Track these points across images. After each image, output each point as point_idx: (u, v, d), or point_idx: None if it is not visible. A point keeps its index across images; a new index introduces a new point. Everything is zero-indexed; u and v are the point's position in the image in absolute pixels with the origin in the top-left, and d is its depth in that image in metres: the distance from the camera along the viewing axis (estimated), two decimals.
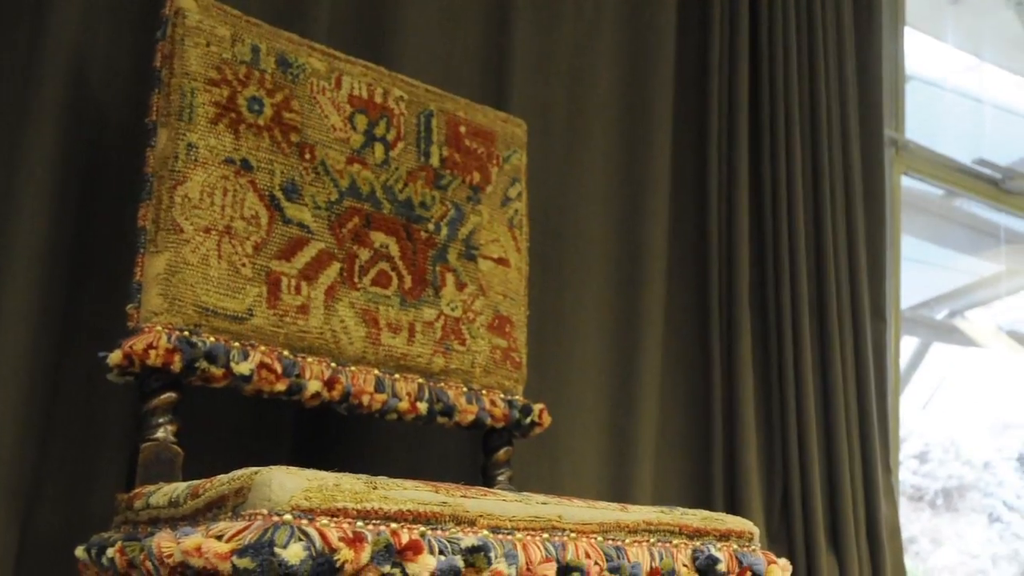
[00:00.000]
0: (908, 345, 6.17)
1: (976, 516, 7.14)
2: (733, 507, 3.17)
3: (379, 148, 2.34)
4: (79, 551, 1.85)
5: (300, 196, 2.19)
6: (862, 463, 3.54)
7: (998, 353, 6.60)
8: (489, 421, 2.40)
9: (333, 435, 2.57)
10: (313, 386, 2.12)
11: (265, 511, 1.40)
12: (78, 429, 2.27)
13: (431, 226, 2.39)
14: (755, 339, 3.37)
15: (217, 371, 1.99)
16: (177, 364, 1.93)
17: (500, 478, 2.46)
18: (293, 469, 1.46)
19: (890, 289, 3.95)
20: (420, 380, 2.31)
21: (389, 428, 2.59)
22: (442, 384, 2.35)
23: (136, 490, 1.85)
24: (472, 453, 2.63)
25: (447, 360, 2.36)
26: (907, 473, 6.99)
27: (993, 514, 7.18)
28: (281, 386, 2.08)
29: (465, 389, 2.38)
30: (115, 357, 1.93)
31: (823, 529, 3.34)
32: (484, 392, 2.41)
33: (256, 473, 1.45)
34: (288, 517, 1.38)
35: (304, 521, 1.38)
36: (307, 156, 2.22)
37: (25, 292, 2.16)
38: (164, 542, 1.52)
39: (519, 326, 2.51)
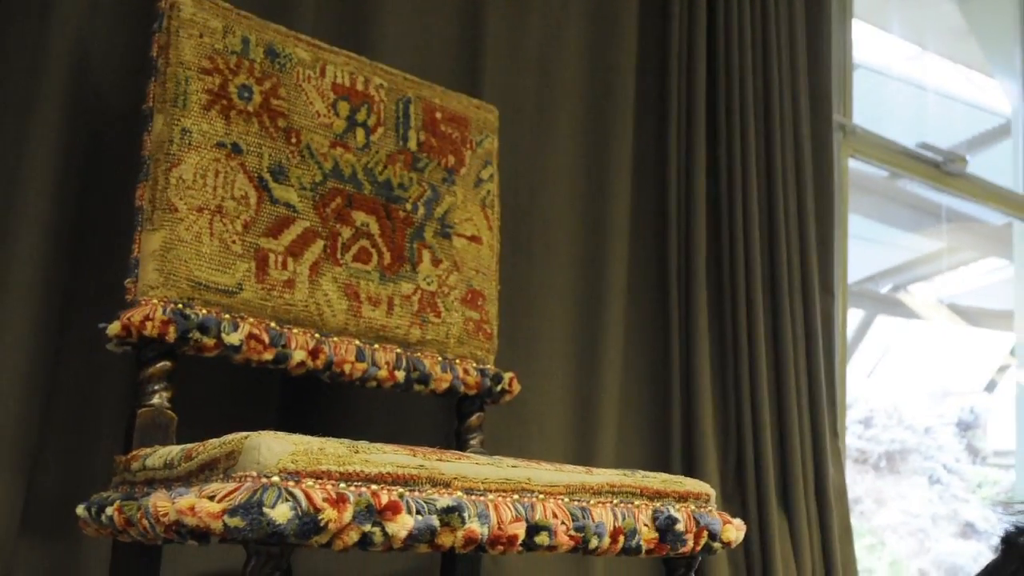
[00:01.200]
0: (854, 317, 6.21)
1: (917, 478, 7.18)
2: (690, 470, 3.19)
3: (360, 133, 2.35)
4: (80, 509, 1.86)
5: (287, 178, 2.20)
6: (811, 428, 3.56)
7: (938, 325, 6.64)
8: (462, 389, 2.42)
9: (317, 402, 2.58)
10: (298, 355, 2.14)
11: (254, 473, 1.42)
12: (79, 396, 2.28)
13: (409, 206, 2.40)
14: (711, 312, 3.38)
15: (209, 341, 2.01)
16: (172, 335, 1.95)
17: (472, 442, 2.48)
18: (280, 434, 1.48)
19: (838, 264, 3.97)
20: (398, 350, 2.33)
21: (369, 395, 2.61)
22: (419, 354, 2.36)
23: (133, 453, 1.87)
24: (446, 419, 2.65)
25: (423, 331, 2.38)
26: (853, 437, 7.03)
27: (933, 476, 7.22)
28: (268, 355, 2.10)
29: (440, 358, 2.40)
30: (114, 328, 1.95)
31: (774, 490, 3.37)
32: (458, 361, 2.43)
33: (246, 438, 1.47)
34: (276, 479, 1.41)
35: (291, 483, 1.41)
36: (293, 140, 2.23)
37: (30, 267, 2.17)
38: (160, 502, 1.54)
39: (491, 300, 2.53)
